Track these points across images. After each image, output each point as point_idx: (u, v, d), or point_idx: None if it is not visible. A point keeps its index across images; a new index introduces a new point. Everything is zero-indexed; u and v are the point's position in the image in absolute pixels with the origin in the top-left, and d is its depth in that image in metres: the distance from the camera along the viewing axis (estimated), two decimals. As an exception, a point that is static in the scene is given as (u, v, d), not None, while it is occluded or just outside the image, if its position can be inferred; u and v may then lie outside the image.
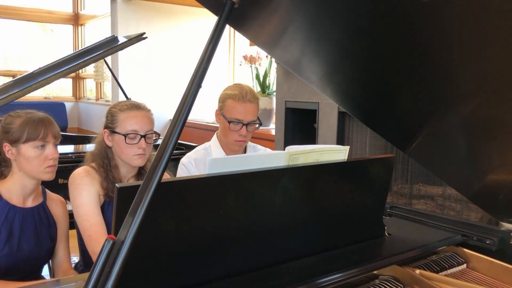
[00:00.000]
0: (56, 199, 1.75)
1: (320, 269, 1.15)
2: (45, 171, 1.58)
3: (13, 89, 2.15)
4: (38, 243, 1.61)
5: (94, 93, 7.40)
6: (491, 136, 1.21)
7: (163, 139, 0.89)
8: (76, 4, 7.64)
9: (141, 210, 0.82)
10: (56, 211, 1.72)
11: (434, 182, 2.82)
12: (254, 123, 1.97)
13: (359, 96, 1.43)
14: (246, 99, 1.93)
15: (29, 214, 1.61)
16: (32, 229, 1.61)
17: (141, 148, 1.68)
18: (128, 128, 1.67)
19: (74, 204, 1.64)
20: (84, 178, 1.66)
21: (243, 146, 2.03)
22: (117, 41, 2.74)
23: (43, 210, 1.67)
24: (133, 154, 1.68)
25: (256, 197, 1.12)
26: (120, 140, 1.68)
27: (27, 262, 1.59)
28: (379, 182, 1.40)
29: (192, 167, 2.00)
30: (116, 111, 1.71)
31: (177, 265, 1.01)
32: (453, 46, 0.93)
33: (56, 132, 1.62)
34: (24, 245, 1.58)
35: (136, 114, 1.70)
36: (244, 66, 4.69)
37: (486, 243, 1.41)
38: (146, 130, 1.70)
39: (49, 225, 1.67)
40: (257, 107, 1.99)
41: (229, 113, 1.94)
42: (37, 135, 1.56)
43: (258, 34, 1.29)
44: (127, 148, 1.67)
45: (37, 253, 1.61)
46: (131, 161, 1.70)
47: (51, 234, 1.66)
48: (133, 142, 1.67)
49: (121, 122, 1.69)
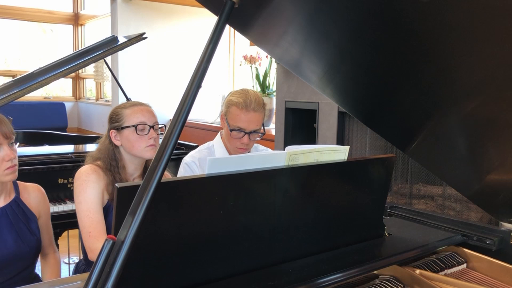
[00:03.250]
0: (31, 188, 1.70)
1: (320, 269, 1.15)
2: (4, 173, 1.52)
3: (13, 89, 2.16)
4: (18, 240, 1.57)
5: (94, 93, 7.40)
6: (491, 136, 1.21)
7: (163, 139, 0.89)
8: (76, 4, 7.64)
9: (141, 210, 0.82)
10: (34, 201, 1.68)
11: (434, 182, 2.81)
12: (257, 132, 1.92)
13: (359, 96, 1.43)
14: (250, 108, 1.88)
15: (2, 214, 1.57)
16: (9, 228, 1.57)
17: (152, 138, 1.70)
18: (137, 120, 1.70)
19: (77, 200, 1.64)
20: (90, 175, 1.66)
21: (245, 153, 1.99)
22: (117, 41, 2.75)
23: (17, 206, 1.62)
24: (145, 145, 1.70)
25: (256, 197, 1.12)
26: (130, 134, 1.69)
27: (12, 260, 1.56)
28: (379, 182, 1.40)
29: (195, 167, 1.99)
30: (120, 110, 1.74)
31: (177, 265, 1.01)
32: (453, 46, 0.93)
33: (8, 131, 1.52)
34: (2, 246, 1.54)
35: (141, 108, 1.74)
36: (244, 66, 4.69)
37: (486, 243, 1.41)
38: (153, 121, 1.73)
39: (27, 220, 1.62)
40: (262, 115, 1.93)
41: (232, 120, 1.91)
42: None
43: (258, 34, 1.29)
44: (138, 140, 1.69)
45: (20, 250, 1.57)
46: (143, 153, 1.71)
47: (31, 228, 1.62)
48: (144, 133, 1.69)
49: (128, 117, 1.71)
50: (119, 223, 0.83)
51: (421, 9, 0.83)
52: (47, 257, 1.76)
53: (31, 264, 1.66)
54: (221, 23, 0.94)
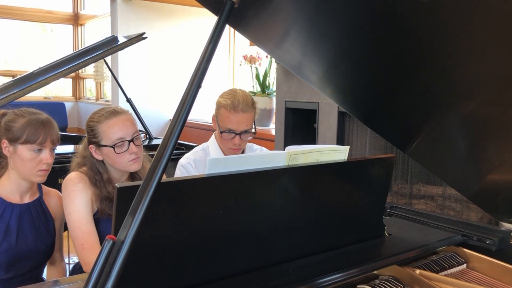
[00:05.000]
0: (52, 193, 1.77)
1: (320, 269, 1.15)
2: (37, 174, 1.59)
3: (13, 89, 2.16)
4: (37, 237, 1.63)
5: (94, 93, 7.40)
6: (491, 136, 1.21)
7: (163, 139, 0.89)
8: (76, 4, 7.64)
9: (141, 210, 0.82)
10: (53, 205, 1.73)
11: (434, 182, 2.82)
12: (248, 132, 1.91)
13: (359, 96, 1.43)
14: (238, 109, 1.86)
15: (26, 210, 1.63)
16: (30, 224, 1.63)
17: (133, 153, 1.63)
18: (114, 138, 1.61)
19: (66, 211, 1.62)
20: (77, 185, 1.62)
21: (238, 153, 1.98)
22: (117, 41, 2.75)
23: (40, 205, 1.69)
24: (127, 161, 1.64)
25: (256, 197, 1.12)
26: (110, 152, 1.63)
27: (27, 256, 1.61)
28: (379, 182, 1.40)
29: (191, 168, 1.98)
30: (95, 124, 1.66)
31: (177, 265, 1.01)
32: (453, 46, 0.93)
33: (55, 137, 1.62)
34: (22, 240, 1.59)
35: (115, 121, 1.64)
36: (244, 66, 4.69)
37: (486, 243, 1.41)
38: (132, 133, 1.65)
39: (47, 220, 1.69)
40: (252, 115, 1.91)
41: (222, 122, 1.90)
42: (35, 139, 1.56)
43: (257, 34, 1.29)
44: (118, 157, 1.63)
45: (36, 247, 1.63)
46: (127, 168, 1.66)
47: (49, 228, 1.68)
48: (123, 150, 1.62)
49: (104, 133, 1.63)
50: (119, 223, 0.83)
51: (421, 9, 0.83)
52: (55, 264, 1.79)
53: (41, 265, 1.70)
54: (221, 23, 0.94)
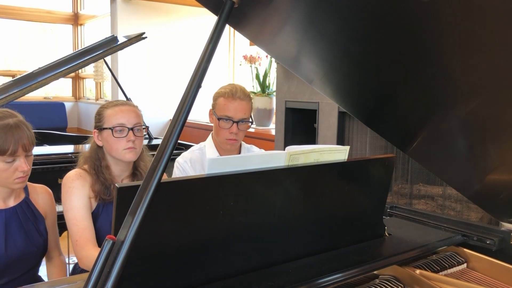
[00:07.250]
0: (39, 189, 1.72)
1: (320, 269, 1.15)
2: (14, 182, 1.53)
3: (12, 89, 2.16)
4: (27, 239, 1.59)
5: (94, 93, 7.39)
6: (491, 136, 1.21)
7: (163, 139, 0.89)
8: (75, 4, 7.63)
9: (141, 210, 0.82)
10: (42, 202, 1.69)
11: (434, 182, 2.81)
12: (245, 121, 1.94)
13: (359, 96, 1.42)
14: (236, 96, 1.92)
15: (13, 214, 1.59)
16: (19, 228, 1.59)
17: (130, 141, 1.66)
18: (115, 122, 1.66)
19: (64, 208, 1.63)
20: (75, 181, 1.65)
21: (235, 146, 2.00)
22: (117, 41, 2.75)
23: (27, 206, 1.64)
24: (122, 148, 1.66)
25: (256, 197, 1.12)
26: (108, 135, 1.66)
27: (20, 260, 1.57)
28: (379, 182, 1.40)
29: (187, 167, 1.99)
30: (103, 110, 1.72)
31: (177, 265, 1.01)
32: (453, 46, 0.92)
33: (28, 142, 1.51)
34: (12, 246, 1.55)
35: (121, 108, 1.70)
36: (244, 66, 4.69)
37: (486, 243, 1.41)
38: (134, 123, 1.68)
39: (36, 220, 1.64)
40: (249, 105, 1.97)
41: (219, 110, 1.94)
42: (5, 149, 1.46)
43: (258, 34, 1.29)
44: (116, 142, 1.66)
45: (28, 249, 1.59)
46: (122, 156, 1.67)
47: (39, 229, 1.64)
48: (121, 136, 1.65)
49: (108, 117, 1.68)
50: (119, 223, 0.83)
51: (421, 9, 0.83)
52: (53, 260, 1.76)
53: (36, 266, 1.67)
54: (221, 23, 0.94)
